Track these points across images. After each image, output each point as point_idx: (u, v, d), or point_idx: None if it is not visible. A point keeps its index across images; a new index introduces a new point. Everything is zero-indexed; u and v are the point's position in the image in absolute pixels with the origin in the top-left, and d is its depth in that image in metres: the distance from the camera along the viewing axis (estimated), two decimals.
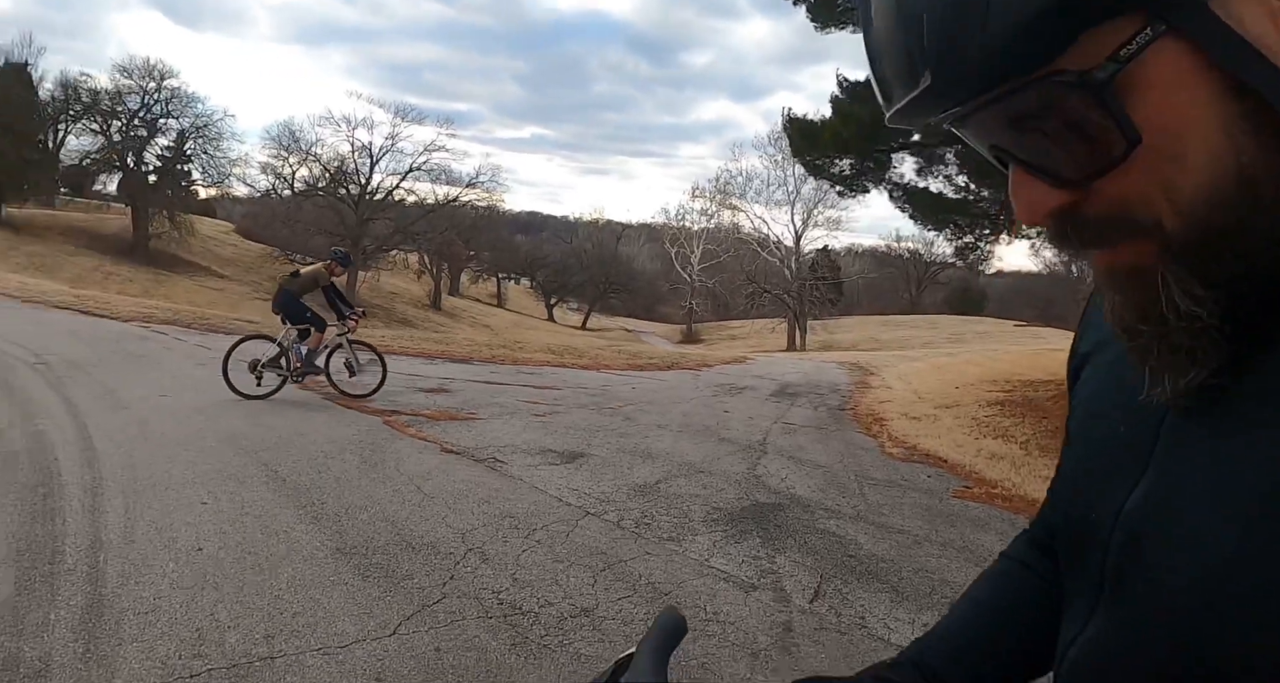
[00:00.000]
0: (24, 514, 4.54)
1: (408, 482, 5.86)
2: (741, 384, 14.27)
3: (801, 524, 5.63)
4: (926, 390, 13.53)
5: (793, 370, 17.97)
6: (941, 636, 0.81)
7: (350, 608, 3.74)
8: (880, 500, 6.44)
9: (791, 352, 39.49)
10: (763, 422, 9.91)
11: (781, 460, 7.65)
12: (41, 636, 3.29)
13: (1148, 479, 0.54)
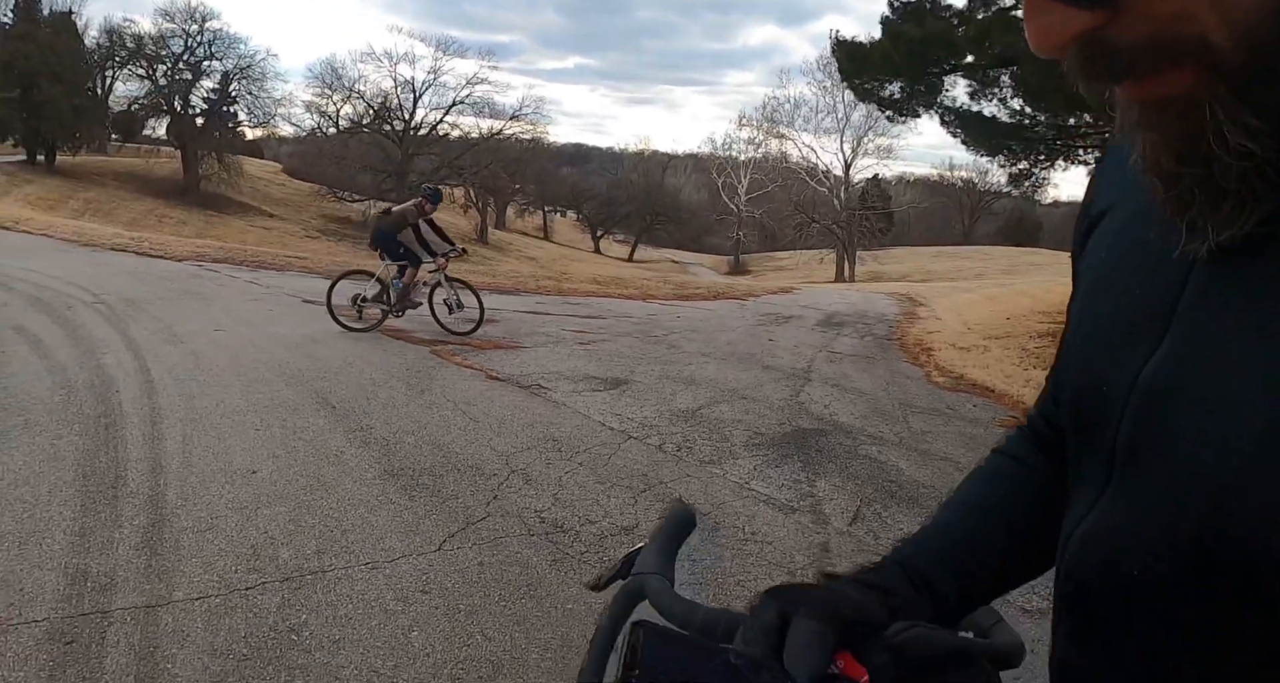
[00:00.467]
0: (88, 443, 4.72)
1: (454, 408, 5.96)
2: (787, 314, 14.16)
3: (843, 450, 5.63)
4: (976, 321, 13.28)
5: (840, 301, 17.78)
6: (929, 536, 0.75)
7: (397, 526, 3.86)
8: (924, 428, 6.40)
9: (839, 283, 38.96)
10: (807, 350, 9.85)
11: (825, 388, 7.62)
12: (107, 553, 3.45)
13: (1170, 342, 0.49)
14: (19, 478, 4.13)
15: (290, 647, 2.84)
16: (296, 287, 12.05)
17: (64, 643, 2.81)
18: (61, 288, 9.93)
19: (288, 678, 2.67)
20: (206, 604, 3.09)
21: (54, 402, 5.42)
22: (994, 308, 15.13)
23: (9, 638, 2.81)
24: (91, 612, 3.01)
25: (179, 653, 2.78)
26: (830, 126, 50.35)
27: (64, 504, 3.88)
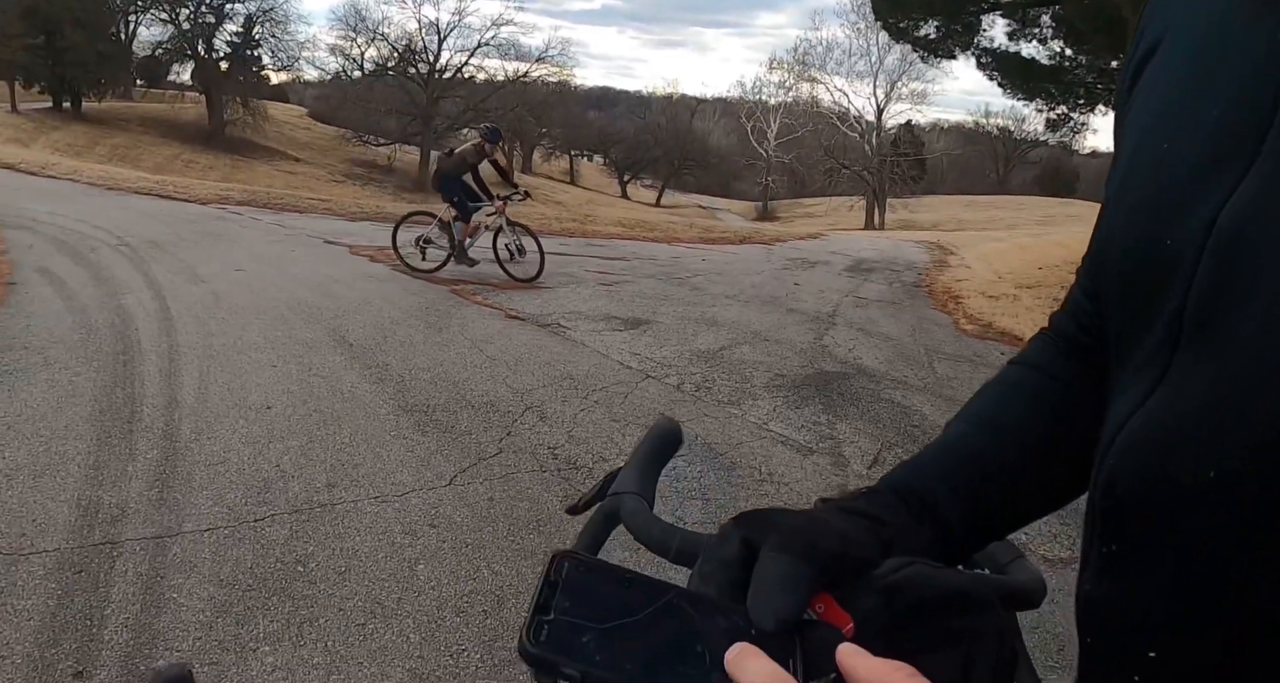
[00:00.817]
0: (106, 379, 4.72)
1: (471, 345, 5.91)
2: (814, 259, 13.94)
3: (866, 393, 5.52)
4: (1008, 270, 12.97)
5: (869, 247, 17.47)
6: (930, 456, 0.63)
7: (409, 460, 3.82)
8: (950, 374, 6.26)
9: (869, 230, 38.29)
10: (833, 295, 9.69)
11: (850, 332, 7.48)
12: (119, 485, 3.45)
13: (1259, 173, 0.40)
14: (36, 413, 4.13)
15: (296, 578, 2.83)
16: (319, 228, 12.01)
17: (73, 572, 2.81)
18: (86, 231, 9.96)
19: (292, 609, 2.65)
20: (215, 536, 3.08)
21: (74, 340, 5.43)
22: (1026, 257, 14.77)
23: (20, 567, 2.82)
24: (102, 542, 3.01)
25: (185, 583, 2.77)
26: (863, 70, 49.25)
27: (80, 439, 3.88)
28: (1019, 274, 12.40)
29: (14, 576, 2.77)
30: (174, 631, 2.53)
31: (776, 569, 0.45)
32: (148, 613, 2.61)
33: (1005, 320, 8.64)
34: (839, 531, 0.50)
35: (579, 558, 0.42)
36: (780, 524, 0.49)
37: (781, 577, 0.44)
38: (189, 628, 2.54)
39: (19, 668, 2.35)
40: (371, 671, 2.39)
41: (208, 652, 2.44)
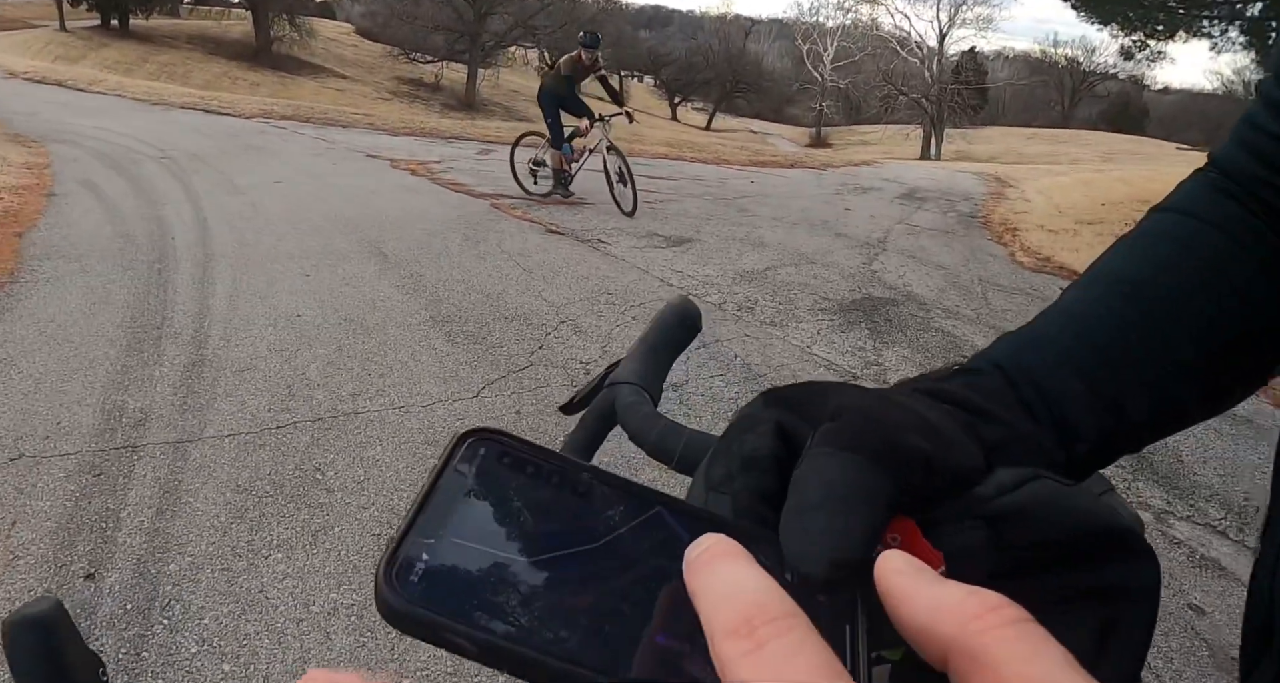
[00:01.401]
0: (140, 287, 4.67)
1: (508, 259, 5.76)
2: (867, 186, 13.43)
3: (915, 321, 5.27)
4: (1068, 205, 12.33)
5: (924, 177, 16.80)
6: (1053, 330, 0.44)
7: (437, 372, 3.71)
8: (1004, 306, 5.94)
9: (925, 160, 36.98)
10: (885, 222, 9.31)
11: (901, 259, 7.17)
12: (144, 390, 3.39)
13: None
14: (69, 320, 4.09)
15: (314, 485, 2.74)
16: (361, 143, 11.84)
17: (92, 475, 2.76)
18: (130, 145, 9.91)
19: (307, 517, 2.57)
20: (236, 441, 3.01)
21: (111, 249, 5.38)
22: (1088, 193, 14.04)
23: (40, 469, 2.77)
24: (123, 446, 2.95)
25: (202, 488, 2.70)
26: None
27: (109, 344, 3.83)
28: (1080, 210, 11.81)
29: (34, 477, 2.72)
30: (188, 535, 2.46)
31: (833, 478, 0.28)
32: (163, 517, 2.55)
33: (1064, 255, 8.21)
34: (927, 422, 0.32)
35: (501, 440, 0.25)
36: (839, 407, 0.31)
37: (841, 491, 0.27)
38: (203, 533, 2.47)
39: (32, 568, 2.30)
40: None
41: (220, 557, 2.37)
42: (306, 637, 2.09)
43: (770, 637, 0.19)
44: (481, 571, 0.22)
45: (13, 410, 3.13)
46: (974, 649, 0.19)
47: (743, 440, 0.31)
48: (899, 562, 0.22)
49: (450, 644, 0.21)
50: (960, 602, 0.20)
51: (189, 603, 2.19)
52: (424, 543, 0.22)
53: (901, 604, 0.21)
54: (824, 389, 0.33)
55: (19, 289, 4.44)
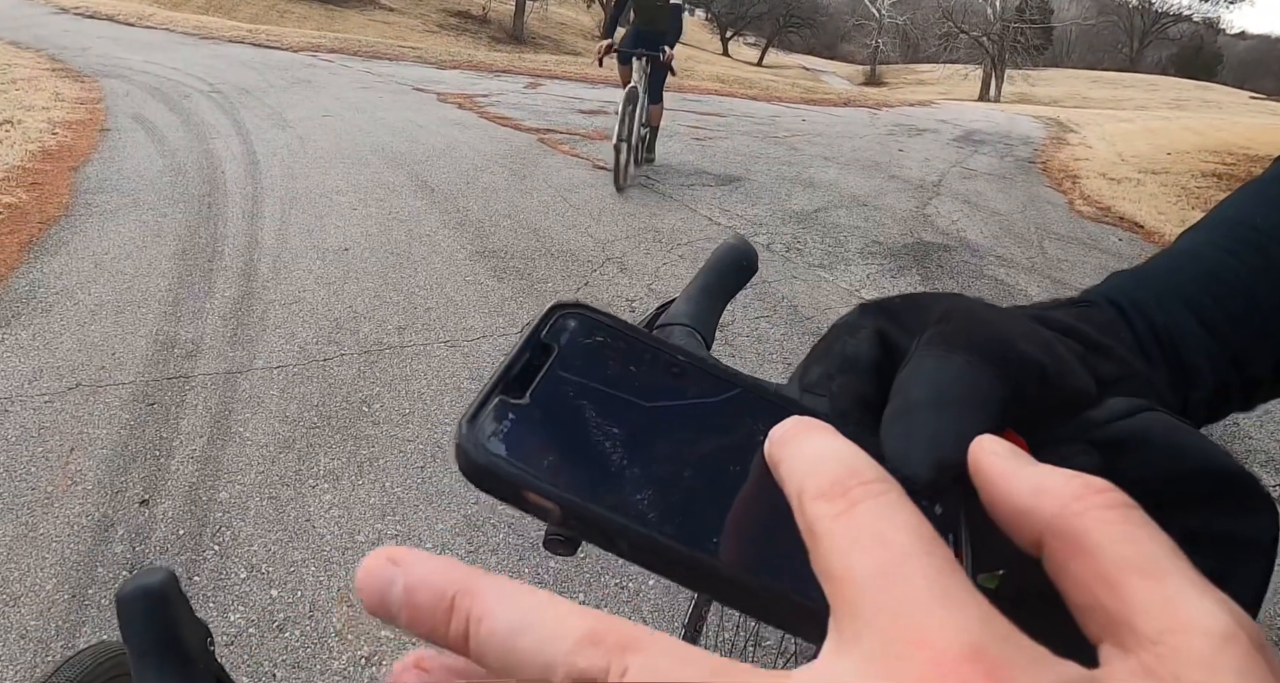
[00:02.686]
0: (190, 220, 4.70)
1: (555, 194, 5.69)
2: (922, 127, 12.99)
3: (968, 268, 5.10)
4: (1132, 153, 11.77)
5: (982, 119, 16.19)
6: (1172, 270, 0.42)
7: (481, 306, 3.70)
8: (1060, 256, 5.72)
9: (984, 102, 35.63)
10: (940, 164, 9.00)
11: (955, 203, 6.93)
12: (196, 322, 3.43)
13: None
14: (122, 253, 4.14)
15: (360, 418, 2.76)
16: (408, 76, 11.75)
17: (146, 404, 2.81)
18: (179, 78, 9.94)
19: (353, 448, 2.59)
20: (284, 373, 3.04)
21: (162, 183, 5.42)
22: (1154, 141, 13.39)
23: (96, 398, 2.83)
24: (175, 377, 2.99)
25: (252, 418, 2.74)
26: None
27: (161, 276, 3.87)
28: (1145, 158, 11.29)
29: (91, 406, 2.78)
30: (237, 464, 2.50)
31: (943, 379, 0.26)
32: (214, 446, 2.59)
33: (1126, 205, 7.87)
34: (1043, 336, 0.29)
35: (593, 315, 0.25)
36: (949, 311, 0.29)
37: (951, 392, 0.26)
38: (252, 462, 2.51)
39: (89, 494, 2.36)
40: (426, 514, 2.32)
41: (268, 486, 2.41)
42: (352, 566, 2.12)
43: (863, 498, 0.18)
44: (565, 436, 0.22)
45: (70, 341, 3.19)
46: (1073, 531, 0.18)
47: (844, 342, 0.30)
48: (996, 445, 0.22)
49: (531, 505, 0.21)
50: (1063, 483, 0.19)
51: (238, 531, 2.23)
52: (509, 403, 0.22)
53: (998, 484, 0.20)
54: (928, 299, 0.31)
55: (74, 222, 4.50)
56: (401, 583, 0.18)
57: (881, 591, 0.16)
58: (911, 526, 0.17)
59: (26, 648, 1.86)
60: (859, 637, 0.16)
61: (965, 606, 0.16)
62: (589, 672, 0.16)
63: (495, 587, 0.17)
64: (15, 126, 6.53)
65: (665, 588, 2.13)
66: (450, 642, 0.17)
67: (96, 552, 2.15)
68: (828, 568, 0.18)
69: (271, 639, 1.90)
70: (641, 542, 0.21)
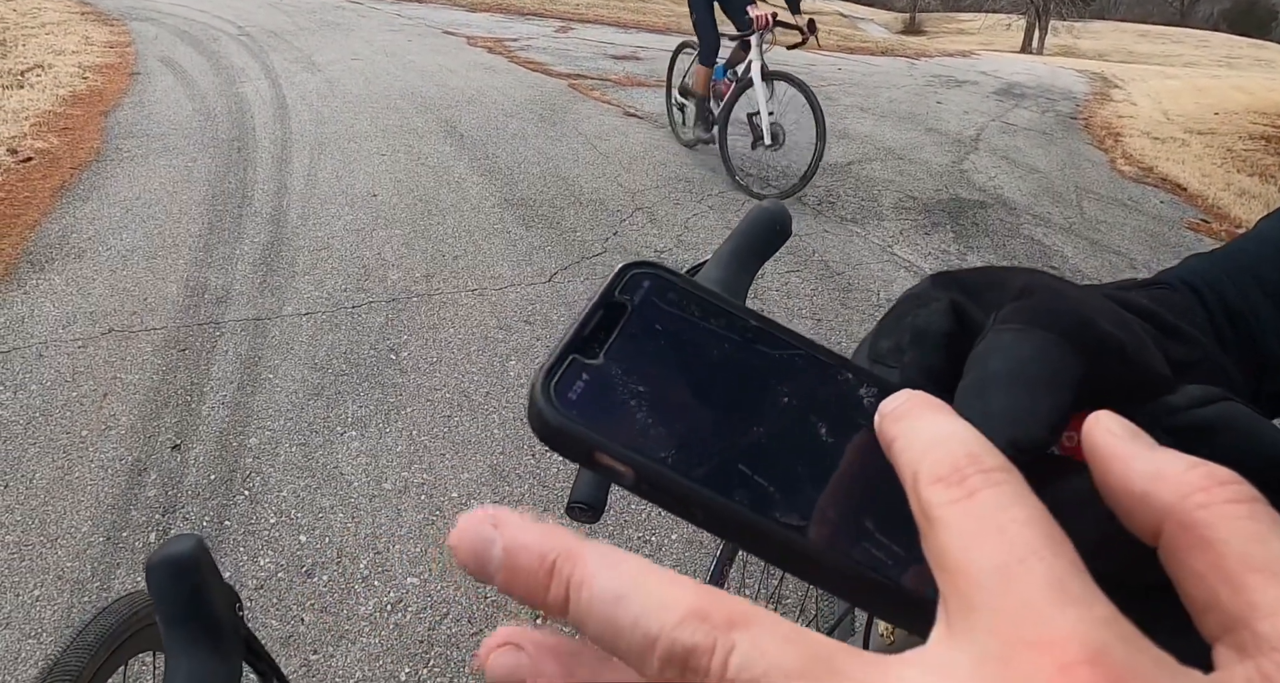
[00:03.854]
0: (220, 165, 4.70)
1: (584, 142, 5.61)
2: (962, 78, 12.61)
3: (1003, 227, 4.97)
4: (1178, 112, 11.32)
5: (1024, 71, 15.66)
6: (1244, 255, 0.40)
7: (510, 255, 3.67)
8: (1099, 217, 5.55)
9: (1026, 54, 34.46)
10: (978, 118, 8.74)
11: (993, 159, 6.73)
12: (226, 268, 3.44)
13: None
14: (153, 198, 4.15)
15: (388, 365, 2.77)
16: (438, 19, 11.59)
17: (178, 350, 2.83)
18: (208, 22, 9.87)
19: (381, 396, 2.60)
20: (313, 320, 3.04)
21: (192, 127, 5.41)
22: (1201, 100, 12.86)
23: (129, 344, 2.85)
24: (206, 322, 3.01)
25: (281, 364, 2.76)
26: None
27: (192, 222, 3.88)
28: (1191, 118, 10.88)
29: (124, 351, 2.81)
30: (267, 410, 2.52)
31: (1020, 355, 0.25)
32: (244, 392, 2.61)
33: (1169, 166, 7.61)
34: (1122, 316, 0.29)
35: (666, 275, 0.24)
36: (1027, 286, 0.28)
37: (1028, 369, 0.25)
38: (281, 409, 2.53)
39: (123, 438, 2.39)
40: (453, 462, 2.33)
41: (297, 433, 2.43)
42: (379, 513, 2.14)
43: (983, 486, 0.17)
44: (640, 398, 0.21)
45: (102, 286, 3.22)
46: (1196, 524, 0.17)
47: (916, 314, 0.29)
48: (1114, 423, 0.20)
49: (604, 467, 0.21)
50: (1185, 470, 0.18)
51: (268, 476, 2.26)
52: (583, 363, 0.22)
53: (1115, 466, 0.19)
54: (1004, 273, 0.30)
55: (105, 168, 4.52)
56: (501, 544, 0.17)
57: (1001, 587, 0.16)
58: (1034, 519, 0.17)
59: (64, 588, 1.90)
60: (973, 632, 0.16)
61: (1089, 606, 0.15)
62: (694, 648, 0.15)
63: (597, 553, 0.17)
64: (46, 71, 6.53)
65: (687, 542, 2.13)
66: (548, 606, 0.17)
67: (130, 495, 2.18)
68: (943, 558, 0.17)
69: (300, 584, 1.92)
70: (718, 510, 0.20)
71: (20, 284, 3.19)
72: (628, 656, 0.16)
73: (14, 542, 2.02)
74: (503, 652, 0.18)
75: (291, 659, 1.74)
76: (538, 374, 0.21)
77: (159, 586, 0.59)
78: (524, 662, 0.18)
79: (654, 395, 0.21)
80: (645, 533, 2.17)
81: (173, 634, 0.59)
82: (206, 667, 0.59)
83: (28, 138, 4.87)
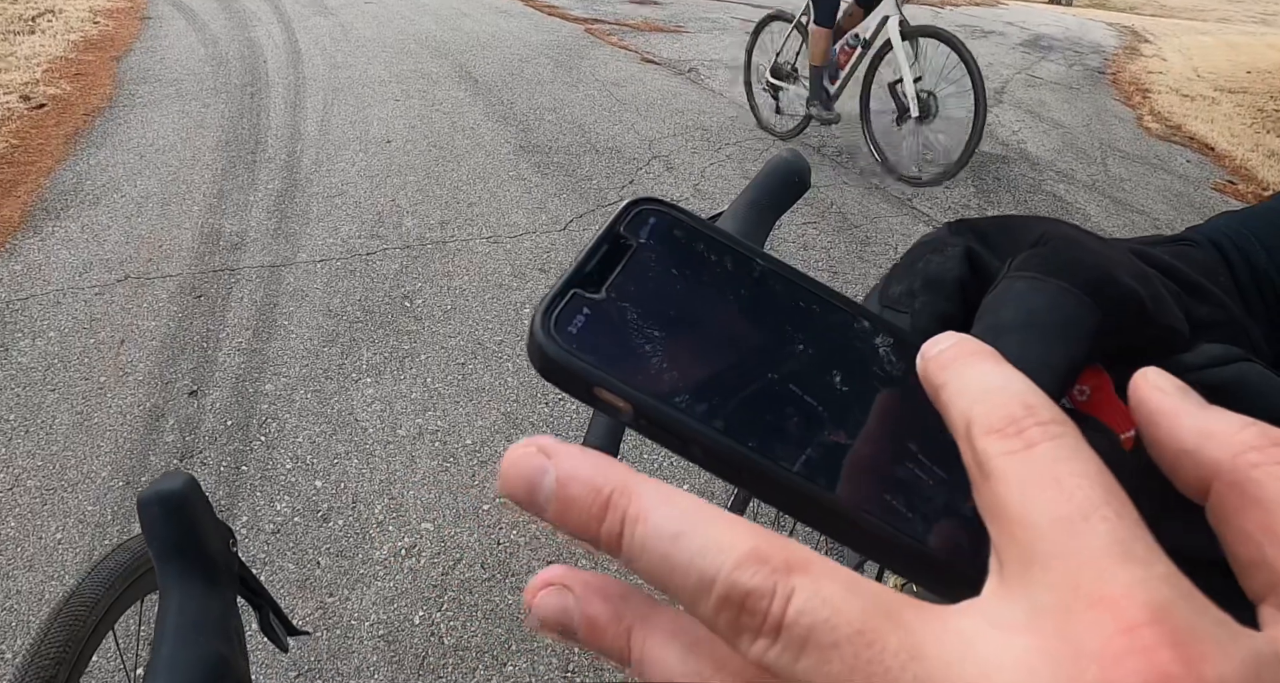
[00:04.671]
0: (233, 111, 4.66)
1: (601, 88, 5.52)
2: (988, 28, 12.25)
3: (1025, 182, 4.85)
4: (1209, 70, 10.91)
5: (1052, 23, 15.18)
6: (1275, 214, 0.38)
7: (525, 202, 3.63)
8: (1123, 175, 5.40)
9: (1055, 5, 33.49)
10: (1003, 70, 8.51)
11: (1017, 113, 6.56)
12: (240, 214, 3.43)
13: None
14: (167, 143, 4.13)
15: (402, 313, 2.76)
16: None
17: (194, 297, 2.83)
18: None
19: (395, 343, 2.60)
20: (328, 267, 3.03)
21: (204, 73, 5.36)
22: (1234, 57, 12.39)
23: (145, 290, 2.86)
24: (221, 269, 3.01)
25: (296, 311, 2.75)
26: None
27: (205, 168, 3.86)
28: (1222, 75, 10.51)
29: (140, 297, 2.81)
30: (282, 357, 2.53)
31: (1033, 303, 0.25)
32: (259, 339, 2.61)
33: (1197, 124, 7.37)
34: (1143, 270, 0.28)
35: (673, 212, 0.23)
36: (1045, 234, 0.28)
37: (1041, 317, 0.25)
38: (296, 355, 2.53)
39: (140, 384, 2.41)
40: (467, 410, 2.33)
41: (312, 379, 2.43)
42: (393, 459, 2.15)
43: (1041, 439, 0.17)
44: (642, 334, 0.21)
45: (118, 233, 3.22)
46: (1247, 482, 0.17)
47: (929, 260, 0.29)
48: (1163, 380, 0.20)
49: (602, 402, 0.20)
50: (1238, 429, 0.18)
51: (284, 422, 2.27)
52: (585, 297, 0.21)
53: (1164, 422, 0.19)
54: (1022, 221, 0.29)
55: (118, 114, 4.49)
56: (554, 474, 0.17)
57: (1061, 540, 0.15)
58: (1095, 473, 0.16)
59: (85, 532, 1.93)
60: (1031, 584, 0.15)
61: (1151, 565, 0.15)
62: (753, 591, 0.15)
63: (654, 488, 0.17)
64: (57, 16, 6.47)
65: (701, 490, 2.13)
66: (602, 541, 0.17)
67: (149, 440, 2.20)
68: (1001, 508, 0.16)
69: (316, 528, 1.94)
70: (718, 449, 0.19)
71: (36, 231, 3.19)
72: (682, 595, 0.16)
73: (36, 487, 2.04)
74: (550, 592, 0.18)
75: (307, 602, 1.76)
76: (537, 308, 0.21)
77: (150, 521, 0.59)
78: (571, 603, 0.18)
79: (656, 333, 0.21)
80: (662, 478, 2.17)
81: (165, 569, 0.59)
82: (198, 601, 0.59)
83: (40, 84, 4.84)
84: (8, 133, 4.09)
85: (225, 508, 1.99)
